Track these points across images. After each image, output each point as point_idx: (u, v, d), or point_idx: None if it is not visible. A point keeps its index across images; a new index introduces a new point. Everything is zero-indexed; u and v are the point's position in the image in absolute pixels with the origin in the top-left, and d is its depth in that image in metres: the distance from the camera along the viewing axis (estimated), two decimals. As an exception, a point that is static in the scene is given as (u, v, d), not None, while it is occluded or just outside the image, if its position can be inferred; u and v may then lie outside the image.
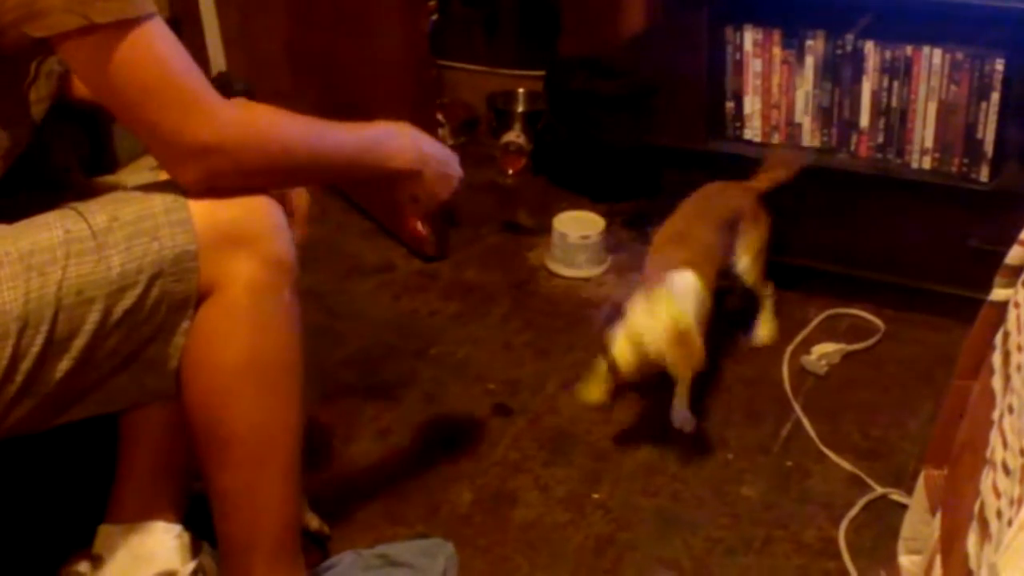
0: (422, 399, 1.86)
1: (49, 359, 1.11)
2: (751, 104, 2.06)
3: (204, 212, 1.16)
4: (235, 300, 1.17)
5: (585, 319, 2.06)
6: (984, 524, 0.87)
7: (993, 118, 1.87)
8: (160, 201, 1.15)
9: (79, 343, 1.12)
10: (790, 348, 1.95)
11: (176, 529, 1.38)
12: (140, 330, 1.15)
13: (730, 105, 2.08)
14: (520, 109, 2.63)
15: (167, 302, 1.15)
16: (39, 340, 1.10)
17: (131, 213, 1.14)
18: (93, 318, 1.11)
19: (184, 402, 1.21)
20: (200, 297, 1.17)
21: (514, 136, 2.47)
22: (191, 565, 1.36)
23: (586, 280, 2.20)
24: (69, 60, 1.12)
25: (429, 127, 2.22)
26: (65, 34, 1.07)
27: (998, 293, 1.13)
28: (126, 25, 1.08)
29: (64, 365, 1.12)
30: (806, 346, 1.95)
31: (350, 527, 1.57)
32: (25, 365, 1.10)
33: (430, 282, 2.20)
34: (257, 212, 1.19)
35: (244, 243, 1.17)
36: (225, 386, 1.19)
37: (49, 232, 1.12)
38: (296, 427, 1.26)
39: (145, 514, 1.37)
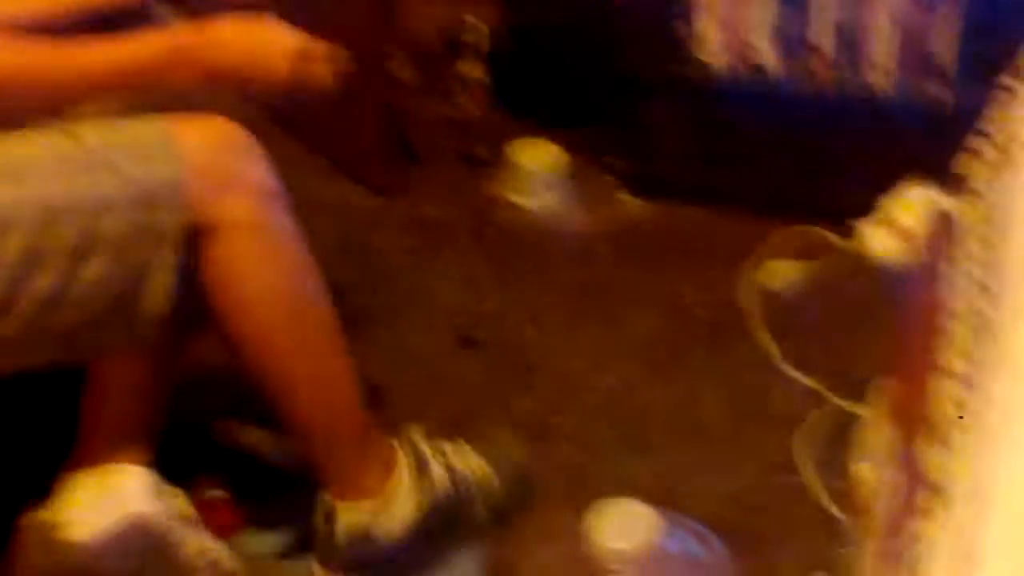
0: (385, 335, 1.86)
1: (30, 271, 1.10)
2: (710, 28, 2.03)
3: (192, 145, 1.17)
4: (245, 244, 1.21)
5: (546, 249, 2.07)
6: (935, 429, 0.89)
7: (952, 37, 1.86)
8: (151, 132, 1.16)
9: (61, 259, 1.11)
10: (755, 269, 1.96)
11: (143, 472, 1.38)
12: (125, 258, 1.14)
13: (686, 28, 2.05)
14: (476, 39, 2.59)
15: (154, 232, 1.15)
16: (18, 247, 1.09)
17: (122, 139, 1.15)
18: (75, 232, 1.11)
19: (237, 351, 1.28)
20: (196, 235, 1.18)
21: (470, 67, 2.43)
22: (160, 506, 1.36)
23: (546, 210, 2.19)
24: None
25: (382, 59, 2.21)
26: None
27: (947, 202, 1.14)
28: None
29: (46, 281, 1.11)
30: (768, 267, 1.96)
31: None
32: (4, 273, 1.09)
33: (388, 218, 2.18)
34: (235, 144, 1.21)
35: (231, 182, 1.19)
36: (268, 322, 1.27)
37: (38, 145, 1.13)
38: (336, 320, 1.35)
39: (110, 461, 1.37)
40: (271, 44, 1.28)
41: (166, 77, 1.23)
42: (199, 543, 1.32)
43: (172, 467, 1.41)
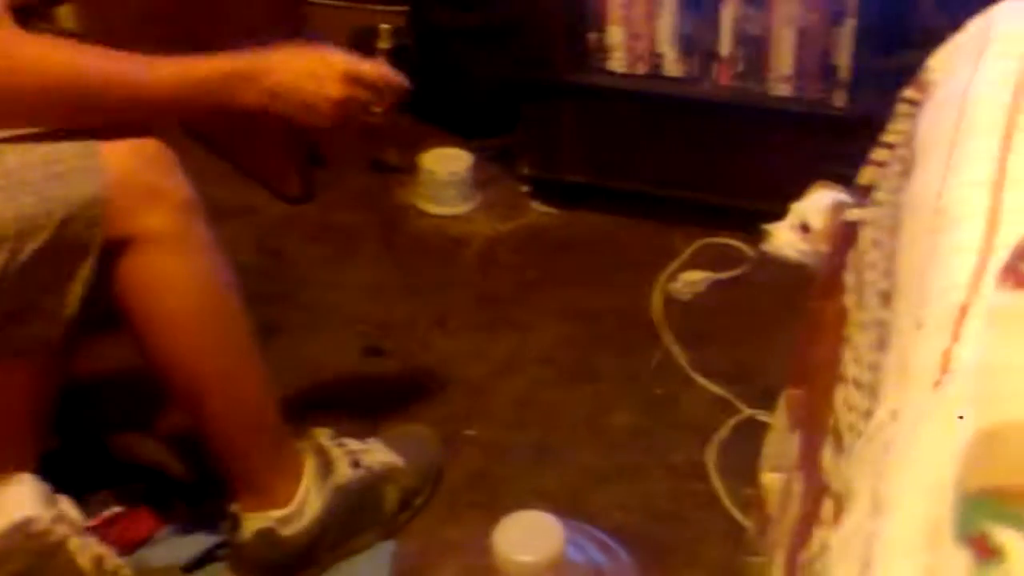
0: (291, 344, 1.82)
1: None
2: (615, 34, 2.05)
3: (114, 160, 1.17)
4: (164, 256, 1.21)
5: (455, 256, 2.06)
6: (838, 438, 0.89)
7: (848, 44, 1.90)
8: (70, 147, 1.15)
9: None
10: (660, 277, 1.97)
11: (31, 479, 1.35)
12: (42, 272, 1.14)
13: (594, 36, 2.06)
14: (384, 45, 2.57)
15: (74, 247, 1.15)
16: None
17: (41, 156, 1.14)
18: (1, 257, 1.11)
19: (149, 360, 1.28)
20: (112, 249, 1.18)
21: (379, 73, 2.42)
22: (52, 512, 1.33)
23: (455, 217, 2.18)
24: None
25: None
26: None
27: (851, 213, 1.15)
28: None
29: None
30: (676, 276, 1.97)
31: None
32: None
33: (295, 224, 2.15)
34: (155, 157, 1.21)
35: (152, 195, 1.19)
36: (185, 333, 1.27)
37: None
38: (252, 330, 1.34)
39: None
40: (326, 68, 1.29)
41: (230, 97, 1.26)
42: (93, 552, 1.29)
43: (72, 482, 1.38)
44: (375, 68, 1.35)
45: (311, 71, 1.29)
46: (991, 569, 0.50)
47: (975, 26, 1.03)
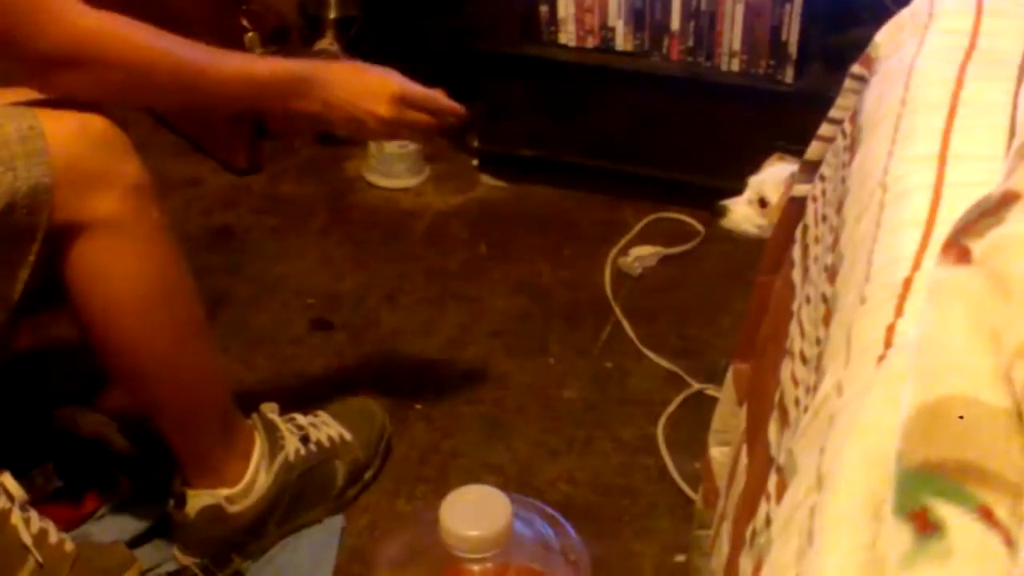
0: (239, 316, 1.81)
1: None
2: (565, 7, 2.04)
3: (60, 144, 1.14)
4: (113, 242, 1.19)
5: (403, 229, 2.05)
6: (784, 412, 0.89)
7: (797, 20, 1.90)
8: (15, 128, 1.12)
9: None
10: (611, 252, 1.97)
11: None
12: None
13: (544, 9, 2.05)
14: (332, 15, 2.54)
15: (20, 233, 1.13)
16: None
17: None
18: None
19: (97, 346, 1.25)
20: (59, 231, 1.16)
21: (327, 44, 2.38)
22: None
23: (404, 190, 2.16)
24: None
25: (233, 35, 2.14)
26: None
27: (798, 189, 1.15)
28: None
29: None
30: (626, 250, 1.97)
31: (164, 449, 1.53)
32: None
33: (243, 196, 2.13)
34: (104, 139, 1.17)
35: (102, 180, 1.16)
36: (135, 319, 1.23)
37: None
38: (203, 312, 1.32)
39: None
40: (381, 88, 1.34)
41: (285, 101, 1.30)
42: (36, 526, 1.27)
43: (13, 456, 1.36)
44: (429, 93, 1.39)
45: (367, 89, 1.33)
46: (932, 543, 0.50)
47: (919, 2, 1.03)
